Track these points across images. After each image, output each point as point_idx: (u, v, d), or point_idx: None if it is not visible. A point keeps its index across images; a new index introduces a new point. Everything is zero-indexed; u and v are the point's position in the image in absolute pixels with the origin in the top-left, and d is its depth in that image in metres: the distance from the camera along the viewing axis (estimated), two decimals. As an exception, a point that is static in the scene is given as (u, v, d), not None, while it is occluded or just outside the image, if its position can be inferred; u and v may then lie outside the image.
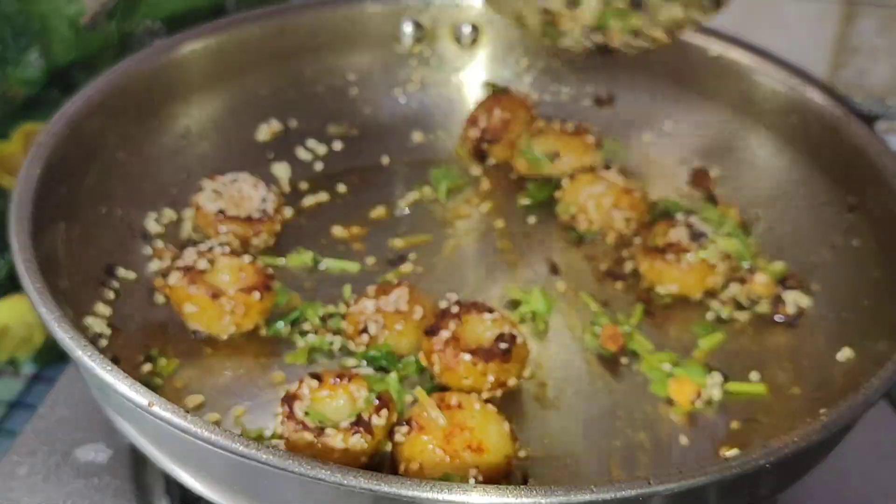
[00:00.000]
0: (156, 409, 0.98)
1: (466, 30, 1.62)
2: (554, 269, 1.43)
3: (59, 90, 1.60)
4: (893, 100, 1.80)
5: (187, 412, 0.97)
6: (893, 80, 1.80)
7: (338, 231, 1.47)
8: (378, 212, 1.50)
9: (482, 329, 1.24)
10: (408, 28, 1.61)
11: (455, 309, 1.25)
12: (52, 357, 1.50)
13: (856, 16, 1.75)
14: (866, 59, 1.78)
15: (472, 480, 1.07)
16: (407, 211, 1.51)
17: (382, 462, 1.13)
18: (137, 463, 1.26)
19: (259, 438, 1.15)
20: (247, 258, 1.31)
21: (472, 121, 1.57)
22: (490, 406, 1.14)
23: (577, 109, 1.62)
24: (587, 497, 0.90)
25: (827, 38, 1.77)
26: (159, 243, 1.38)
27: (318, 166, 1.57)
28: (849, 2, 1.72)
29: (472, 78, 1.64)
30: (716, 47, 1.52)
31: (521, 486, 0.92)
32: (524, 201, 1.53)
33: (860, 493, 1.28)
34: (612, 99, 1.61)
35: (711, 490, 0.97)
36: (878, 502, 1.27)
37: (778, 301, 1.36)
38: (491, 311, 1.26)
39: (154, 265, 1.36)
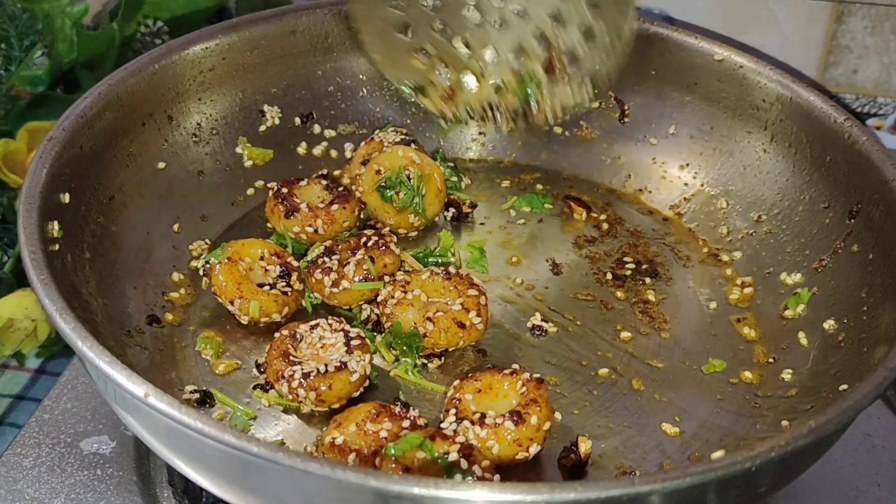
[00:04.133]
0: (151, 399, 0.98)
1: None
2: (556, 269, 1.44)
3: (62, 89, 1.63)
4: (884, 98, 1.79)
5: (182, 403, 0.98)
6: (883, 78, 1.79)
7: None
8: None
9: None
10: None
11: None
12: (56, 351, 1.52)
13: (846, 15, 1.73)
14: (857, 57, 1.77)
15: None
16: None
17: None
18: (141, 454, 1.28)
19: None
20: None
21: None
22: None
23: (583, 112, 1.61)
24: (571, 496, 0.91)
25: (818, 37, 1.76)
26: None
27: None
28: (839, 1, 1.72)
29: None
30: (721, 51, 1.50)
31: (507, 483, 0.93)
32: (524, 207, 1.55)
33: (851, 483, 1.30)
34: (624, 107, 1.61)
35: (699, 491, 0.97)
36: (867, 491, 1.29)
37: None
38: None
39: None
